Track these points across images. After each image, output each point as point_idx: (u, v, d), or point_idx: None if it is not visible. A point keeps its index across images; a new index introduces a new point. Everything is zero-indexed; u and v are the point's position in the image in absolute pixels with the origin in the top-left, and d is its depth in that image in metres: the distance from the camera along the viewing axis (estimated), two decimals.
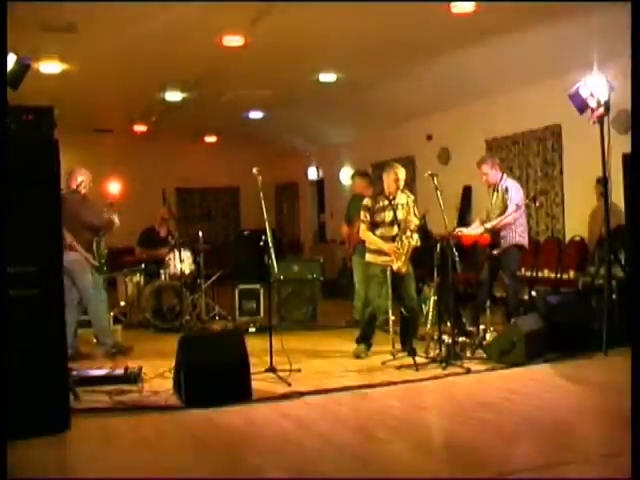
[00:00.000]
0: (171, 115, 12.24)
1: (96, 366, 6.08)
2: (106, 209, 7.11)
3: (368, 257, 6.58)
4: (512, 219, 6.79)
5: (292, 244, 16.69)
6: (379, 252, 6.42)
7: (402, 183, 6.48)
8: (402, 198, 6.48)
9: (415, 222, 6.31)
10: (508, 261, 6.94)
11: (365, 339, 6.61)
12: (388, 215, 6.42)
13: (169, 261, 8.85)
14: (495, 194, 7.09)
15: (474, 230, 7.00)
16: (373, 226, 6.48)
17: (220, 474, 3.69)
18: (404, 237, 6.28)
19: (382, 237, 6.42)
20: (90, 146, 14.13)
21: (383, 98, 11.19)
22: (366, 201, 6.61)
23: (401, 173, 6.47)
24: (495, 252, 6.92)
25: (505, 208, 6.86)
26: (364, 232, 6.54)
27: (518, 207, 6.80)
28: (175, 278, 8.68)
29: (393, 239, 6.35)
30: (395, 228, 6.36)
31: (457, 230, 6.86)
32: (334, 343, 7.34)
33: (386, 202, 6.44)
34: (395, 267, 6.26)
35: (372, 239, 6.49)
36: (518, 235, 6.91)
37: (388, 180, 6.48)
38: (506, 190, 6.92)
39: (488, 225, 6.84)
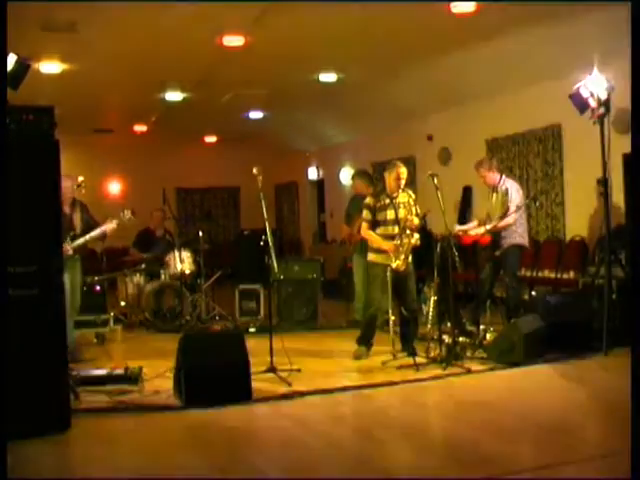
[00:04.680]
0: (171, 115, 12.24)
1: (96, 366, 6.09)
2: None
3: (370, 256, 6.57)
4: (513, 219, 6.81)
5: (292, 244, 16.69)
6: (381, 251, 6.41)
7: (404, 182, 6.49)
8: (403, 197, 6.48)
9: (416, 221, 6.31)
10: (509, 261, 6.95)
11: (366, 340, 6.60)
12: (390, 214, 6.42)
13: (169, 261, 8.85)
14: (495, 195, 7.12)
15: (473, 230, 7.01)
16: (374, 224, 6.48)
17: (220, 474, 3.69)
18: (404, 235, 6.28)
19: (383, 235, 6.41)
20: (90, 146, 14.15)
21: (383, 98, 11.19)
22: (368, 199, 6.62)
23: (403, 172, 6.47)
24: (497, 253, 6.93)
25: (505, 209, 6.88)
26: (365, 230, 6.54)
27: (518, 207, 6.82)
28: (175, 278, 8.68)
29: (394, 238, 6.34)
30: (396, 227, 6.36)
31: (457, 229, 6.86)
32: (334, 343, 7.34)
33: (387, 201, 6.45)
34: (394, 265, 6.25)
35: (373, 237, 6.48)
36: (519, 235, 6.93)
37: (390, 179, 6.49)
38: (506, 191, 6.94)
39: (489, 226, 6.86)
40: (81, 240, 6.51)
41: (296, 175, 16.60)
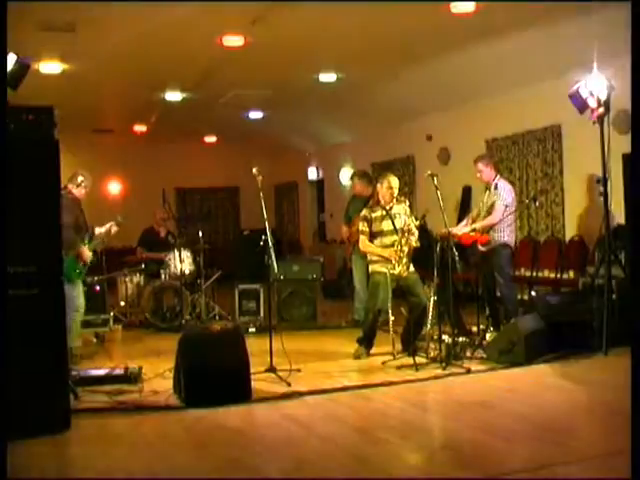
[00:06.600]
0: (171, 115, 12.24)
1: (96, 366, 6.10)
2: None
3: (372, 268, 6.56)
4: (497, 219, 6.80)
5: (292, 244, 16.69)
6: (382, 261, 6.41)
7: (396, 191, 6.49)
8: (399, 209, 6.50)
9: (414, 230, 6.31)
10: (499, 261, 6.95)
11: (366, 340, 6.60)
12: (386, 224, 6.45)
13: (169, 261, 8.85)
14: (487, 192, 7.15)
15: (462, 229, 7.02)
16: (372, 236, 6.50)
17: (220, 474, 3.69)
18: (403, 240, 6.29)
19: (382, 246, 6.44)
20: (90, 146, 14.15)
21: (383, 98, 11.19)
22: (364, 212, 6.64)
23: (394, 181, 6.51)
24: (483, 249, 6.90)
25: (491, 206, 6.92)
26: (364, 244, 6.55)
27: (506, 207, 6.83)
28: (175, 278, 8.68)
29: (393, 246, 6.36)
30: (394, 236, 6.37)
31: (446, 230, 6.85)
32: (334, 343, 7.34)
33: (383, 212, 6.47)
34: (396, 271, 6.26)
35: (372, 249, 6.51)
36: (506, 235, 6.95)
37: (382, 190, 6.53)
38: (495, 187, 6.96)
39: (477, 225, 6.88)
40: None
41: (296, 175, 16.60)
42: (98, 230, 6.81)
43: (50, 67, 8.63)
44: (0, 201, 4.12)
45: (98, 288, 8.21)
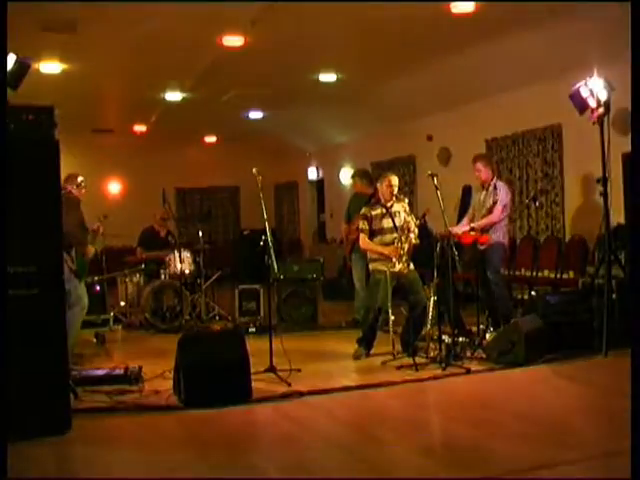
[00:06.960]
0: (171, 115, 12.24)
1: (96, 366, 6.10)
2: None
3: (372, 266, 6.57)
4: (497, 218, 6.86)
5: (292, 244, 16.69)
6: (382, 260, 6.42)
7: (396, 189, 6.53)
8: (398, 207, 6.52)
9: (413, 227, 6.32)
10: (494, 258, 6.99)
11: (366, 341, 6.59)
12: (386, 222, 6.46)
13: (169, 261, 8.85)
14: (484, 192, 7.17)
15: (462, 228, 7.05)
16: (372, 234, 6.52)
17: (220, 474, 3.69)
18: (403, 237, 6.30)
19: (382, 244, 6.45)
20: (90, 146, 14.15)
21: (383, 98, 11.19)
22: (363, 210, 6.66)
23: (394, 179, 6.56)
24: (483, 248, 6.92)
25: (490, 206, 6.95)
26: (364, 241, 6.56)
27: (504, 208, 6.87)
28: (175, 278, 8.68)
29: (393, 244, 6.37)
30: (394, 234, 6.38)
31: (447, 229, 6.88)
32: (334, 343, 7.34)
33: (383, 210, 6.49)
34: (397, 269, 6.26)
35: (372, 247, 6.51)
36: (502, 235, 7.02)
37: (382, 188, 6.57)
38: (494, 187, 7.00)
39: (475, 225, 6.91)
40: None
41: (296, 175, 16.60)
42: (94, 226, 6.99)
43: (50, 67, 8.64)
44: (0, 201, 4.12)
45: (98, 288, 8.22)
